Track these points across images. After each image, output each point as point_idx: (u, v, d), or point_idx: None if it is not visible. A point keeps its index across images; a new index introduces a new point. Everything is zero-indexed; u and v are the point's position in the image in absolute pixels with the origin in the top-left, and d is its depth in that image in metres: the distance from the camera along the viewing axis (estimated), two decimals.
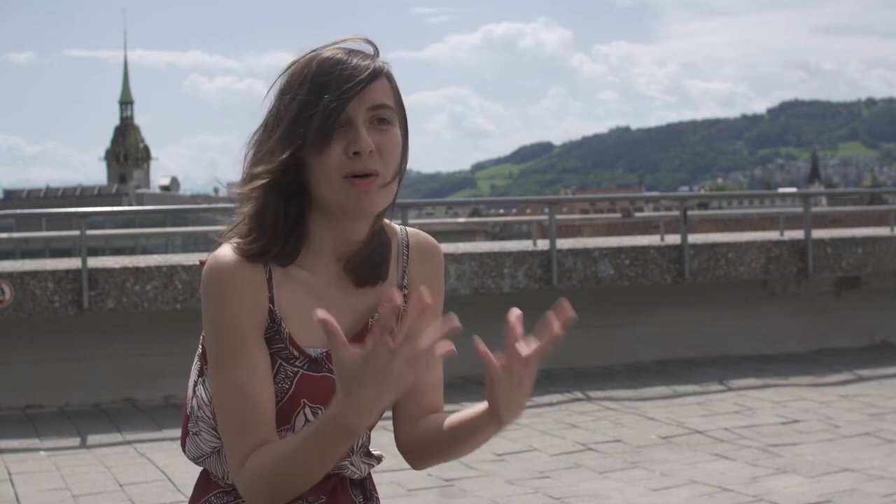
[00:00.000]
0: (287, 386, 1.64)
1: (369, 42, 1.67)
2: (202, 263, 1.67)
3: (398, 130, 1.63)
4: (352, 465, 1.73)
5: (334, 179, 1.58)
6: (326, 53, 1.63)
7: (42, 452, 6.21)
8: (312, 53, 1.65)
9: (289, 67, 1.66)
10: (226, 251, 1.62)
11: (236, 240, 1.64)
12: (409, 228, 1.79)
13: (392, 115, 1.62)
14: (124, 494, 5.21)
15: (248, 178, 1.64)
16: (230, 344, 1.59)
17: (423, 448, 1.72)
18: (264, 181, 1.61)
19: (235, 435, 1.59)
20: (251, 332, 1.60)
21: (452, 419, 1.66)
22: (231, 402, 1.59)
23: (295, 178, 1.61)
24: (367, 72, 1.60)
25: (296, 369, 1.64)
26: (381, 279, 1.71)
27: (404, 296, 1.72)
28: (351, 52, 1.63)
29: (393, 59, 1.67)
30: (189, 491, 1.80)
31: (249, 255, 1.61)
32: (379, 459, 1.80)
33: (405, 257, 1.75)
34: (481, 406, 1.58)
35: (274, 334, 1.63)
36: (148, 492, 5.24)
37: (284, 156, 1.59)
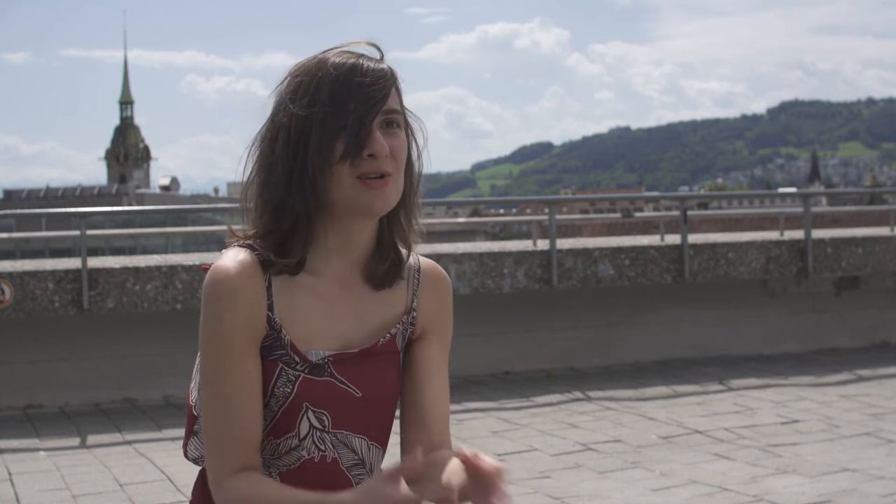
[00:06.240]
0: (289, 390, 1.64)
1: (374, 45, 1.67)
2: (203, 269, 1.68)
3: (405, 134, 1.66)
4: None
5: (348, 181, 1.59)
6: (337, 58, 1.62)
7: (42, 452, 6.21)
8: (321, 56, 1.64)
9: (295, 70, 1.64)
10: (227, 260, 1.62)
11: (244, 250, 1.63)
12: (421, 256, 1.79)
13: (401, 120, 1.65)
14: (124, 494, 5.21)
15: (261, 183, 1.64)
16: (223, 356, 1.60)
17: None
18: (280, 188, 1.61)
19: (219, 446, 1.60)
20: (245, 345, 1.60)
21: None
22: (218, 413, 1.60)
23: (307, 181, 1.60)
24: (387, 80, 1.62)
25: (297, 373, 1.64)
26: (397, 279, 1.72)
27: (412, 319, 1.74)
28: (361, 56, 1.64)
29: (390, 59, 1.67)
30: (188, 491, 1.80)
31: (256, 265, 1.61)
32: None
33: (416, 281, 1.76)
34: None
35: (274, 341, 1.63)
36: (148, 492, 5.24)
37: (307, 164, 1.58)
